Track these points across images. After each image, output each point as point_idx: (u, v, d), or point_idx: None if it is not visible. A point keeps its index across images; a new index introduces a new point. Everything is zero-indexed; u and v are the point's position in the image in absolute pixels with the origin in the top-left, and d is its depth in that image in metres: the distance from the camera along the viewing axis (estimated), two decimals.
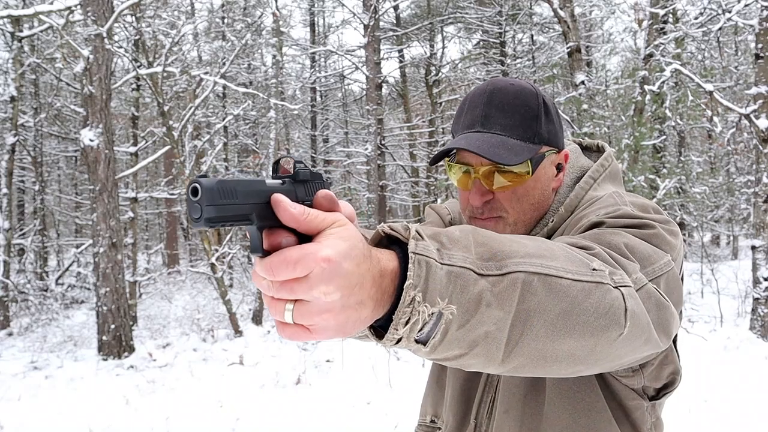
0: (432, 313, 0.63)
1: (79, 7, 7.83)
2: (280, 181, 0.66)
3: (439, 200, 10.18)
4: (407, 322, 0.62)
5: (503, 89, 1.07)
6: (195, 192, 0.57)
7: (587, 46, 17.47)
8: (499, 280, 0.66)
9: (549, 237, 1.08)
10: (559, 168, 1.11)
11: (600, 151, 1.22)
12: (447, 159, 1.10)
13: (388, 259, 0.64)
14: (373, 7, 14.94)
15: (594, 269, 0.74)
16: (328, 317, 0.59)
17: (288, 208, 0.60)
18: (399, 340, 0.64)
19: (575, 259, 0.74)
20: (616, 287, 0.74)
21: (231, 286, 14.64)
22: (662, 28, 10.84)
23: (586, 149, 1.24)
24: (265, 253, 0.61)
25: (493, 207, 1.06)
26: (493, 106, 1.05)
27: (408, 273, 0.62)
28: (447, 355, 0.67)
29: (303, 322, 0.60)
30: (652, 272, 0.87)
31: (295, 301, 0.59)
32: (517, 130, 1.04)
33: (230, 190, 0.58)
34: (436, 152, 1.09)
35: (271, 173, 0.70)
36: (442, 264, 0.64)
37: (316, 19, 21.89)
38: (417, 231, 0.65)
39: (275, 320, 0.62)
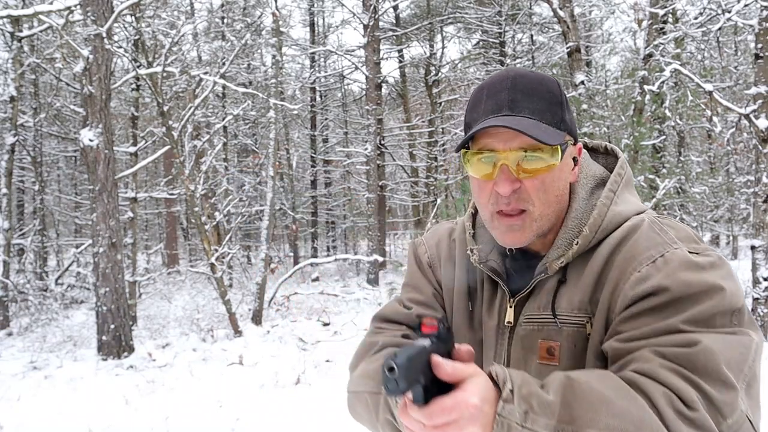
0: None
1: (78, 7, 7.83)
2: (429, 341, 0.80)
3: (438, 200, 10.17)
4: None
5: (525, 75, 1.03)
6: (391, 370, 0.71)
7: (587, 46, 17.48)
8: None
9: (573, 261, 1.02)
10: (575, 161, 1.07)
11: (607, 153, 1.17)
12: (464, 150, 1.03)
13: (490, 401, 0.80)
14: (372, 7, 14.95)
15: None
16: None
17: (445, 368, 0.78)
18: None
19: (659, 431, 0.78)
20: None
21: (230, 286, 14.64)
22: (662, 28, 10.84)
23: (591, 151, 1.19)
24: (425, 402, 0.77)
25: (520, 197, 1.00)
26: (518, 90, 1.00)
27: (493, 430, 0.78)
28: None
29: None
30: (745, 377, 0.86)
31: None
32: (545, 115, 1.00)
33: (412, 364, 0.73)
34: (463, 139, 1.02)
35: (416, 330, 0.85)
36: (523, 427, 0.78)
37: (315, 19, 21.90)
38: (511, 390, 0.79)
39: None
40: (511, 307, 1.07)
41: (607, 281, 0.97)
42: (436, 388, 0.79)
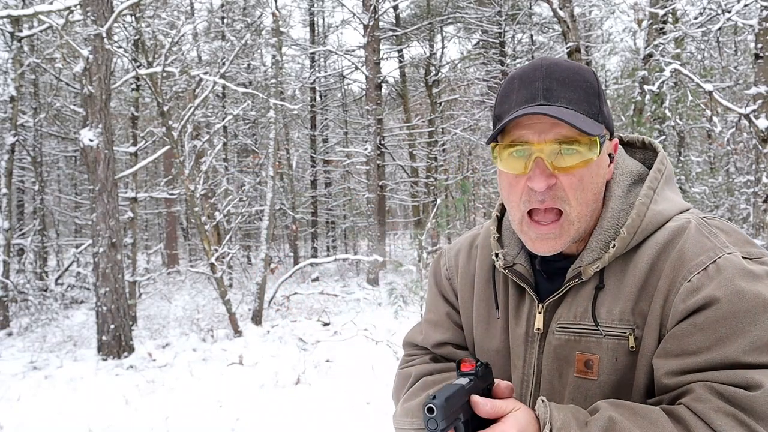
0: None
1: (78, 7, 7.83)
2: (467, 380, 0.85)
3: (438, 200, 10.16)
4: None
5: (560, 64, 0.95)
6: (431, 410, 0.76)
7: (587, 46, 17.48)
8: None
9: (609, 265, 0.95)
10: (611, 158, 0.99)
11: (645, 147, 1.09)
12: (494, 143, 0.95)
13: None
14: (372, 7, 14.94)
15: None
16: None
17: (484, 408, 0.83)
18: None
19: None
20: None
21: (230, 286, 14.64)
22: (662, 28, 10.84)
23: (627, 145, 1.11)
24: None
25: (555, 195, 0.92)
26: (554, 79, 0.92)
27: None
28: None
29: None
30: None
31: None
32: (583, 105, 0.92)
33: (451, 403, 0.77)
34: (495, 129, 0.94)
35: (455, 368, 0.89)
36: None
37: (315, 19, 21.89)
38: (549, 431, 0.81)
39: None
40: (540, 313, 1.00)
41: (656, 291, 0.90)
42: (477, 423, 0.84)
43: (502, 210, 1.14)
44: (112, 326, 7.72)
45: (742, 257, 0.88)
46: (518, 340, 1.03)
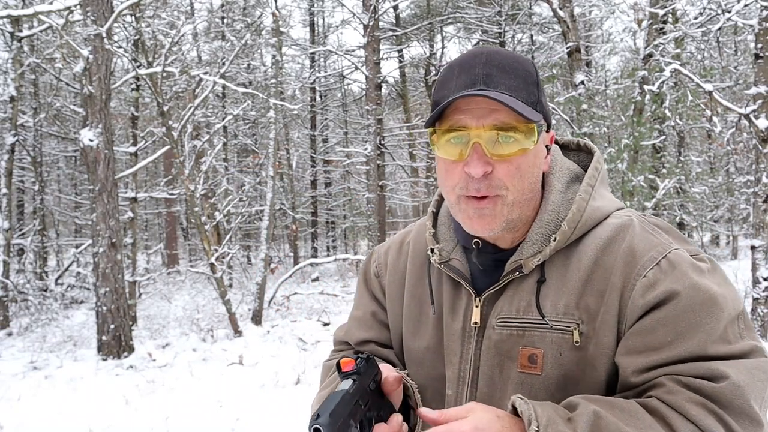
0: None
1: (78, 7, 7.83)
2: (351, 381, 0.84)
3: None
4: None
5: (500, 51, 0.95)
6: (318, 431, 0.76)
7: (587, 46, 17.48)
8: None
9: (550, 258, 0.96)
10: (548, 149, 0.99)
11: (580, 149, 1.10)
12: (431, 129, 0.94)
13: None
14: (372, 7, 14.94)
15: None
16: None
17: (429, 415, 0.83)
18: None
19: None
20: None
21: (230, 286, 14.64)
22: (662, 28, 10.83)
23: (563, 147, 1.11)
24: None
25: (491, 183, 0.91)
26: (494, 66, 0.92)
27: None
28: None
29: None
30: (765, 402, 0.84)
31: None
32: (522, 93, 0.91)
33: (337, 416, 0.76)
34: (433, 112, 0.92)
35: (337, 372, 0.87)
36: None
37: (315, 19, 21.90)
38: (536, 430, 0.79)
39: None
40: (477, 306, 0.99)
41: (608, 287, 0.91)
42: (386, 412, 0.86)
43: (438, 206, 1.13)
44: (112, 326, 7.72)
45: (688, 254, 0.92)
46: (454, 336, 1.01)
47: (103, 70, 7.73)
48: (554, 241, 0.94)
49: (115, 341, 7.74)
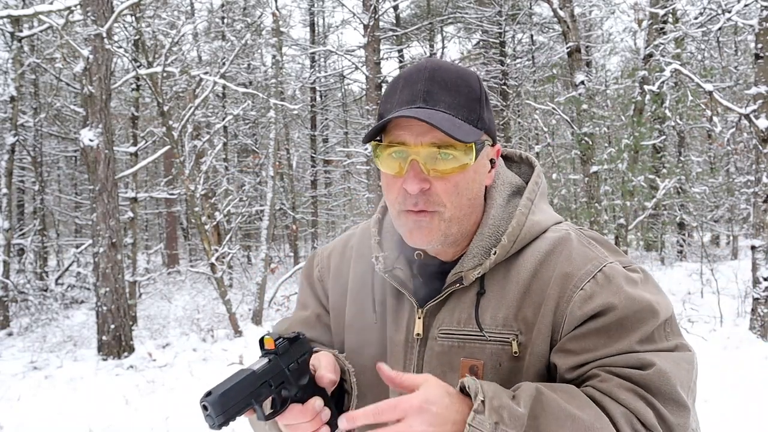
0: None
1: (78, 7, 7.83)
2: (267, 360, 0.84)
3: None
4: None
5: (444, 67, 0.95)
6: (205, 408, 0.77)
7: (587, 46, 17.47)
8: None
9: (490, 271, 0.97)
10: (492, 163, 1.00)
11: (522, 162, 1.11)
12: (375, 142, 0.95)
13: (460, 411, 0.82)
14: (372, 7, 14.94)
15: None
16: None
17: (388, 374, 0.84)
18: None
19: None
20: None
21: (231, 286, 14.64)
22: (662, 28, 10.84)
23: (506, 159, 1.12)
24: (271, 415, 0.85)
25: (429, 199, 0.92)
26: (436, 82, 0.93)
27: None
28: None
29: None
30: (692, 391, 0.89)
31: None
32: (463, 111, 0.92)
33: (230, 396, 0.77)
34: (372, 128, 0.92)
35: (259, 347, 0.86)
36: None
37: (315, 19, 21.90)
38: (482, 401, 0.81)
39: None
40: (420, 318, 1.00)
41: (544, 299, 0.93)
42: (302, 394, 0.86)
43: (384, 213, 1.13)
44: (112, 326, 7.72)
45: (622, 267, 0.95)
46: (398, 346, 1.03)
47: (104, 70, 7.73)
48: (494, 254, 0.96)
49: (116, 341, 7.74)
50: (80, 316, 11.61)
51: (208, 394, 0.77)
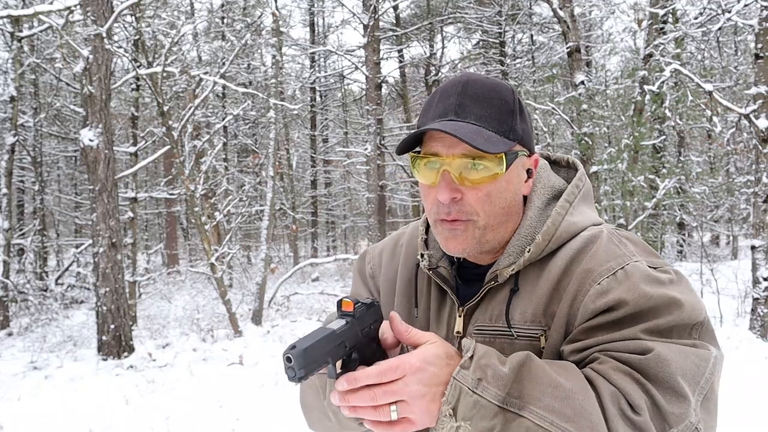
0: (454, 426, 0.82)
1: (78, 7, 7.83)
2: (344, 322, 0.86)
3: None
4: (444, 426, 0.83)
5: (478, 81, 1.00)
6: (289, 360, 0.77)
7: (587, 46, 17.47)
8: (513, 418, 0.81)
9: (524, 269, 1.00)
10: (529, 173, 1.04)
11: (569, 166, 1.14)
12: (412, 153, 1.01)
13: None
14: (372, 7, 14.94)
15: None
16: (422, 406, 0.82)
17: (399, 326, 0.88)
18: None
19: (596, 426, 0.80)
20: None
21: (230, 286, 14.64)
22: (662, 28, 10.84)
23: (554, 164, 1.16)
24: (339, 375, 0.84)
25: (461, 209, 0.97)
26: (468, 96, 0.98)
27: (446, 391, 0.83)
28: None
29: (405, 415, 0.82)
30: (701, 389, 0.86)
31: (398, 402, 0.81)
32: (493, 123, 0.97)
33: (311, 352, 0.79)
34: (404, 139, 0.98)
35: (336, 310, 0.89)
36: (473, 392, 0.82)
37: (315, 19, 21.90)
38: (470, 357, 0.84)
39: (379, 423, 0.84)
40: (460, 316, 1.04)
41: (564, 293, 0.95)
42: (379, 353, 0.89)
43: None
44: (112, 326, 7.72)
45: (648, 266, 0.94)
46: None
47: (103, 70, 7.73)
48: (528, 252, 0.99)
49: (115, 341, 7.75)
50: (80, 316, 11.61)
51: (293, 347, 0.78)
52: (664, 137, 13.61)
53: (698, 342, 0.89)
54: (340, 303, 0.88)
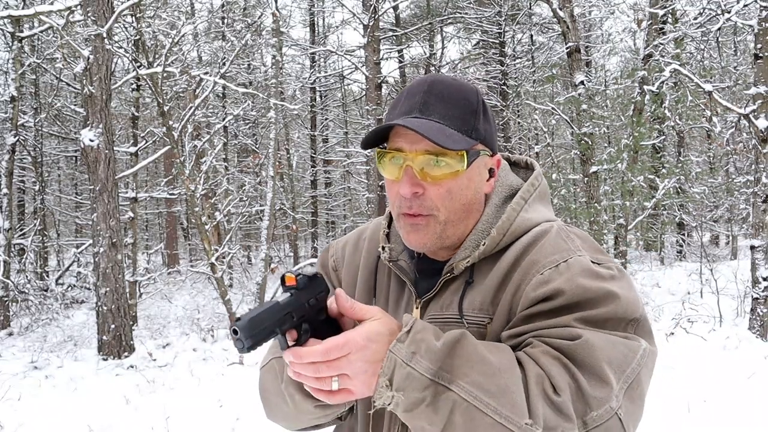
0: (390, 395, 0.85)
1: (79, 7, 7.84)
2: (289, 294, 0.89)
3: None
4: (381, 396, 0.86)
5: (444, 81, 1.03)
6: (235, 332, 0.81)
7: (586, 47, 17.49)
8: (442, 391, 0.84)
9: (478, 262, 1.03)
10: (491, 173, 1.06)
11: (528, 167, 1.18)
12: (378, 148, 1.03)
13: None
14: (372, 8, 14.95)
15: (526, 423, 0.82)
16: (362, 380, 0.86)
17: (344, 303, 0.90)
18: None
19: (517, 403, 0.83)
20: None
21: (231, 285, 14.65)
22: (661, 29, 10.85)
23: (514, 165, 1.19)
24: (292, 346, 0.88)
25: (423, 203, 1.00)
26: (433, 94, 1.01)
27: (383, 364, 0.85)
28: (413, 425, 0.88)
29: (345, 387, 0.86)
30: (627, 378, 0.89)
31: (340, 375, 0.85)
32: (456, 121, 1.00)
33: (256, 322, 0.82)
34: (368, 134, 1.01)
35: (281, 284, 0.91)
36: (406, 365, 0.85)
37: (315, 19, 21.90)
38: (407, 332, 0.87)
39: (320, 391, 0.88)
40: (417, 308, 1.07)
41: (510, 282, 0.99)
42: (325, 328, 0.91)
43: None
44: (113, 326, 7.73)
45: (591, 261, 0.97)
46: None
47: (104, 70, 7.74)
48: (483, 245, 1.02)
49: (116, 341, 7.75)
50: (80, 316, 11.62)
51: (238, 319, 0.82)
52: (663, 137, 13.63)
53: (631, 335, 0.92)
54: (283, 278, 0.90)
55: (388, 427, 1.06)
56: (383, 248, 1.13)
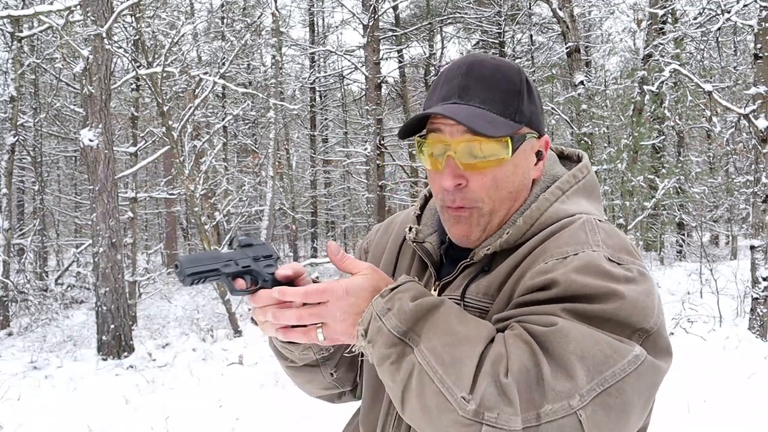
0: (362, 345, 0.87)
1: (78, 7, 7.84)
2: (232, 250, 0.94)
3: None
4: (359, 344, 0.88)
5: (483, 62, 0.97)
6: (177, 266, 0.87)
7: (586, 47, 17.49)
8: (408, 352, 0.83)
9: (497, 253, 0.97)
10: (539, 156, 1.00)
11: (579, 161, 1.10)
12: (418, 137, 0.99)
13: None
14: (372, 8, 14.95)
15: (462, 397, 0.77)
16: (343, 329, 0.87)
17: (334, 254, 0.91)
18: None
19: (463, 376, 0.78)
20: (472, 420, 0.77)
21: None
22: (661, 29, 10.85)
23: (565, 158, 1.12)
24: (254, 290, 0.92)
25: (465, 196, 0.95)
26: (472, 78, 0.95)
27: (362, 314, 0.87)
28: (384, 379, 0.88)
29: (329, 336, 0.88)
30: (603, 381, 0.78)
31: (322, 325, 0.88)
32: (498, 105, 0.94)
33: (197, 260, 0.88)
34: (406, 122, 0.96)
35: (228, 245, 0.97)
36: (379, 318, 0.85)
37: (315, 19, 21.90)
38: (390, 289, 0.87)
39: (297, 332, 0.90)
40: (435, 290, 1.03)
41: (518, 270, 0.93)
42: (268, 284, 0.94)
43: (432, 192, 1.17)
44: (112, 326, 7.73)
45: (608, 258, 0.88)
46: None
47: (103, 70, 7.74)
48: (507, 234, 0.96)
49: (115, 341, 7.75)
50: (80, 316, 11.62)
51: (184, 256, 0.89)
52: (663, 137, 13.63)
53: (630, 342, 0.81)
54: (231, 240, 0.97)
55: (385, 415, 1.07)
56: (410, 228, 1.11)
